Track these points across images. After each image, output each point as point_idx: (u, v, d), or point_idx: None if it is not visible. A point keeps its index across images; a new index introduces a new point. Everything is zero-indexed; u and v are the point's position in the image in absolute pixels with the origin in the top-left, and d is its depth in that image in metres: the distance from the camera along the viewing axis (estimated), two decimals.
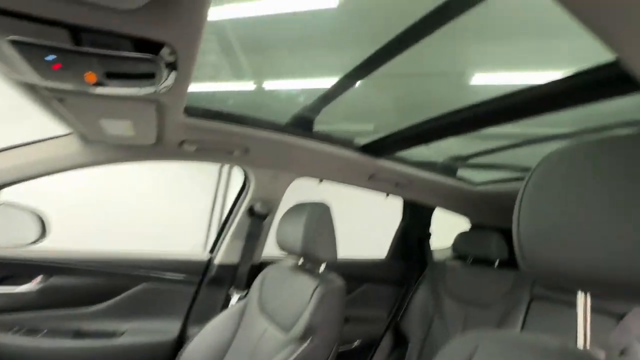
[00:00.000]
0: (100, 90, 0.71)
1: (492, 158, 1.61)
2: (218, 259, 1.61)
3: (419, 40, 0.78)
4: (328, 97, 1.19)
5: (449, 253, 2.13)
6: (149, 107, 0.87)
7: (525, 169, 1.92)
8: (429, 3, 0.74)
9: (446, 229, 2.13)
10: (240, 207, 1.65)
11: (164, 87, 0.74)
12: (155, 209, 3.97)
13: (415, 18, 0.75)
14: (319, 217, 1.22)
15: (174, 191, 4.17)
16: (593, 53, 0.61)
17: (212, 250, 1.67)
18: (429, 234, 2.23)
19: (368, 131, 1.59)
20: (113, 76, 0.65)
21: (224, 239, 1.64)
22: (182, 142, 1.22)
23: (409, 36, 0.78)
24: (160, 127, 1.06)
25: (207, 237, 4.31)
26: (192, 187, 4.30)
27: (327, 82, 1.43)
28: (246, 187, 1.64)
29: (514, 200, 0.50)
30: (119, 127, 1.02)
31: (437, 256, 2.16)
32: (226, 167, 4.44)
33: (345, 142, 1.44)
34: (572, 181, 0.43)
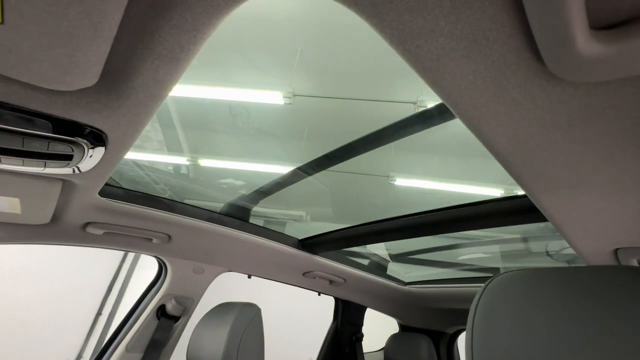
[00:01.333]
0: None
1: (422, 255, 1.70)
2: None
3: (357, 154, 0.84)
4: (266, 191, 1.17)
5: (381, 357, 1.99)
6: (52, 185, 0.72)
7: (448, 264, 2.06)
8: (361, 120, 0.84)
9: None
10: (147, 305, 1.35)
11: (83, 169, 0.62)
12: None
13: (351, 127, 0.84)
14: (247, 325, 1.03)
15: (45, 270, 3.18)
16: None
17: None
18: (361, 336, 2.10)
19: (299, 216, 1.59)
20: (5, 152, 0.53)
21: (114, 350, 1.27)
22: (86, 225, 1.01)
23: (349, 150, 0.84)
24: (62, 207, 0.87)
25: (85, 344, 3.17)
26: (79, 269, 3.38)
27: (266, 169, 1.42)
28: (160, 280, 1.38)
29: (440, 302, 0.47)
30: None
31: None
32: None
33: (281, 237, 1.37)
34: (521, 308, 0.41)
